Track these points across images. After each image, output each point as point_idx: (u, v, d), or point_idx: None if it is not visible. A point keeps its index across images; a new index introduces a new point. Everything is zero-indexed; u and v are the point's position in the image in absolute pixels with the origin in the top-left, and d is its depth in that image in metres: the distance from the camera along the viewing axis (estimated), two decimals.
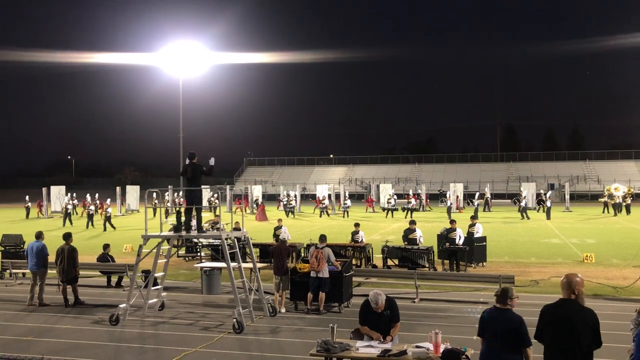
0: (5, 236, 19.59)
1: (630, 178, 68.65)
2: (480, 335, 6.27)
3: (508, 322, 6.04)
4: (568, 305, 5.66)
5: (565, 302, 5.69)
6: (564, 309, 5.64)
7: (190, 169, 12.29)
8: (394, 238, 22.53)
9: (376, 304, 7.44)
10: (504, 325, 6.03)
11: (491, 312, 6.24)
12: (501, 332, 6.02)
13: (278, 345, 9.98)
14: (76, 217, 45.12)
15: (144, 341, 10.38)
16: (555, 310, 5.68)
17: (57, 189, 50.03)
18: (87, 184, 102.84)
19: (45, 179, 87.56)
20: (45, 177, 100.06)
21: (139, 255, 12.04)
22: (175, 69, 60.36)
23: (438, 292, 14.22)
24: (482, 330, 6.24)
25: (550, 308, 5.75)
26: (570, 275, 5.78)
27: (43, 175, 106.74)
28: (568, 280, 5.73)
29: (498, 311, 6.18)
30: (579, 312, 5.60)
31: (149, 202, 13.50)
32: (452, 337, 8.64)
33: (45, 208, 47.04)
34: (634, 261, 17.23)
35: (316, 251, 12.12)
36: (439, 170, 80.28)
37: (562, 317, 5.58)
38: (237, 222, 16.65)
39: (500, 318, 6.11)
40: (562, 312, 5.61)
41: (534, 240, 25.20)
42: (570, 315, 5.56)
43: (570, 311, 5.60)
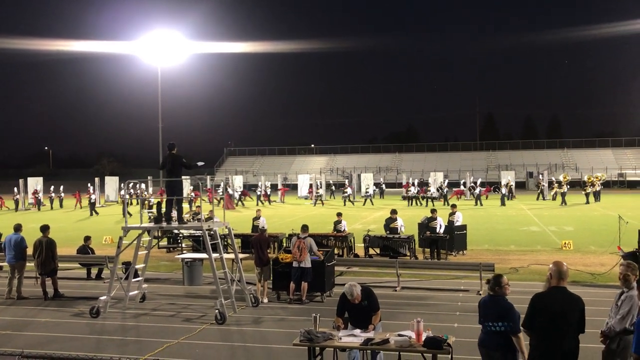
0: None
1: (607, 166, 69.71)
2: (480, 322, 6.37)
3: (499, 308, 6.17)
4: (560, 293, 5.73)
5: (558, 289, 5.76)
6: (557, 297, 5.70)
7: (170, 159, 12.19)
8: (376, 227, 22.64)
9: (351, 296, 7.46)
10: (494, 312, 6.15)
11: (486, 299, 6.40)
12: (494, 317, 6.14)
13: (261, 336, 9.99)
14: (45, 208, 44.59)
15: (126, 333, 10.32)
16: (549, 298, 5.74)
17: (34, 181, 49.30)
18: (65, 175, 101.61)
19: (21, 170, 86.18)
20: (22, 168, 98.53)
21: (119, 247, 11.93)
22: (154, 57, 59.73)
23: (419, 280, 14.33)
24: (480, 317, 6.34)
25: (542, 296, 5.80)
26: (559, 263, 5.86)
27: (19, 167, 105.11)
28: (559, 268, 5.79)
29: (491, 298, 6.30)
30: (572, 299, 5.70)
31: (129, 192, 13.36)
32: (434, 324, 8.73)
33: (22, 200, 46.35)
34: (610, 248, 17.52)
35: (298, 241, 12.12)
36: (420, 160, 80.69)
37: (556, 306, 5.64)
38: (211, 211, 16.59)
39: (493, 305, 6.24)
40: (557, 300, 5.67)
41: (514, 228, 25.49)
42: (564, 303, 5.64)
43: (563, 299, 5.68)
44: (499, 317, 6.10)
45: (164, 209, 12.59)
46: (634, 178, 69.13)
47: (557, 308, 5.62)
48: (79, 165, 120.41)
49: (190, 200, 36.66)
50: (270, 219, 27.28)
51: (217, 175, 78.93)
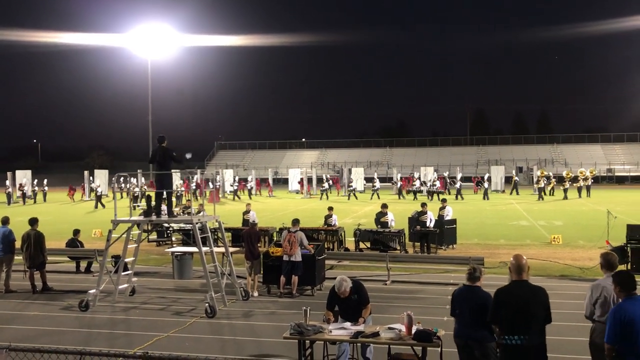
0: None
1: (596, 161, 70.18)
2: (452, 314, 6.39)
3: (478, 298, 6.22)
4: (521, 286, 5.82)
5: (518, 283, 5.85)
6: (518, 291, 5.79)
7: (160, 152, 12.12)
8: (366, 221, 22.67)
9: (341, 290, 7.46)
10: (474, 302, 6.20)
11: (461, 290, 6.42)
12: (470, 309, 6.18)
13: (251, 329, 9.98)
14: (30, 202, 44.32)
15: (115, 327, 10.28)
16: (510, 292, 5.82)
17: (22, 174, 48.95)
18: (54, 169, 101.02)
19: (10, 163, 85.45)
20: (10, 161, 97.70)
21: (108, 240, 11.87)
22: (144, 50, 59.35)
23: (409, 274, 14.37)
24: (453, 309, 6.36)
25: (505, 290, 5.89)
26: (518, 257, 5.97)
27: (8, 160, 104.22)
28: (518, 262, 5.91)
29: (468, 289, 6.32)
30: (533, 292, 5.79)
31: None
32: (424, 318, 8.75)
33: (11, 193, 45.99)
34: (599, 242, 17.64)
35: (289, 235, 12.11)
36: (410, 154, 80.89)
37: (518, 299, 5.72)
38: (201, 205, 16.53)
39: (470, 295, 6.28)
40: (518, 294, 5.75)
41: (503, 223, 25.62)
42: (526, 297, 5.72)
43: (524, 292, 5.76)
44: (478, 308, 6.11)
45: (154, 203, 12.54)
46: (623, 173, 69.71)
47: (519, 301, 5.71)
48: (68, 158, 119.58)
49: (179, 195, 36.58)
50: (260, 213, 27.24)
51: (207, 169, 78.64)
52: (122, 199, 41.75)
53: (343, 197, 45.40)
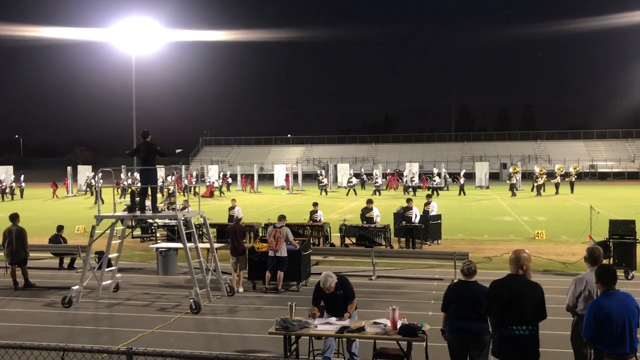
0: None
1: (579, 157, 70.94)
2: (444, 309, 6.41)
3: (475, 292, 6.26)
4: (516, 280, 5.84)
5: (514, 277, 5.87)
6: (512, 285, 5.80)
7: (144, 147, 12.01)
8: (352, 217, 22.70)
9: (326, 286, 7.46)
10: (472, 296, 6.23)
11: (457, 285, 6.47)
12: (469, 302, 6.21)
13: (236, 325, 9.96)
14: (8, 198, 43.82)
15: (98, 323, 10.19)
16: (504, 285, 5.84)
17: (4, 169, 48.35)
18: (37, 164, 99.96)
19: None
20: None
21: (91, 236, 11.75)
22: (128, 45, 58.82)
23: (395, 269, 14.42)
24: (447, 304, 6.38)
25: (499, 283, 5.90)
26: (518, 251, 5.96)
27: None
28: (516, 256, 5.91)
29: (464, 284, 6.36)
30: (527, 286, 5.79)
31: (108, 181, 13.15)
32: (409, 313, 8.77)
33: None
34: (582, 237, 17.83)
35: (274, 230, 12.08)
36: (395, 150, 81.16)
37: (511, 293, 5.74)
38: (185, 201, 16.45)
39: (467, 289, 6.31)
40: (511, 288, 5.77)
41: (487, 218, 25.79)
42: (519, 290, 5.73)
43: (518, 286, 5.78)
44: (476, 302, 6.16)
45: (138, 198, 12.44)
46: (605, 170, 70.54)
47: (512, 295, 5.72)
48: (51, 154, 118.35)
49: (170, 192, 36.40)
50: (246, 209, 27.18)
51: (192, 164, 78.30)
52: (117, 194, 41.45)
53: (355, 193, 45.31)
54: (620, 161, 72.29)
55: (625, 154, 74.06)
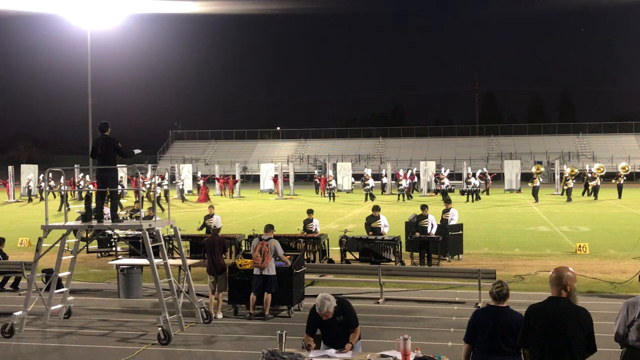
0: None
1: (630, 155, 71.16)
2: (469, 340, 6.40)
3: (508, 319, 6.26)
4: (558, 304, 5.81)
5: (555, 300, 5.84)
6: (553, 309, 5.78)
7: (102, 143, 12.01)
8: (355, 227, 22.74)
9: (323, 311, 7.45)
10: (503, 324, 6.24)
11: (485, 311, 6.47)
12: (501, 332, 6.22)
13: (213, 358, 9.97)
14: None
15: (46, 356, 10.19)
16: (543, 311, 5.82)
17: None
18: None
19: None
20: None
21: (38, 250, 11.74)
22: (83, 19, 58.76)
23: (406, 290, 14.45)
24: (473, 334, 6.37)
25: (537, 308, 5.88)
26: (560, 269, 5.94)
27: None
28: (558, 274, 5.88)
29: (494, 309, 6.36)
30: (572, 312, 5.76)
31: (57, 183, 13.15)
32: (424, 343, 8.81)
33: None
34: (633, 252, 17.89)
35: (260, 243, 12.09)
36: (407, 146, 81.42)
37: (551, 319, 5.72)
38: (150, 209, 16.46)
39: (499, 316, 6.31)
40: (552, 313, 5.76)
41: (518, 229, 25.87)
42: (562, 316, 5.71)
43: (561, 311, 5.75)
44: (508, 332, 6.15)
45: (93, 204, 12.44)
46: None
47: (553, 322, 5.70)
48: None
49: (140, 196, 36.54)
50: (226, 218, 27.21)
51: (160, 163, 78.34)
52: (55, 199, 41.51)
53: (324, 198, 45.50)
54: None
55: None
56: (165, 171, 56.40)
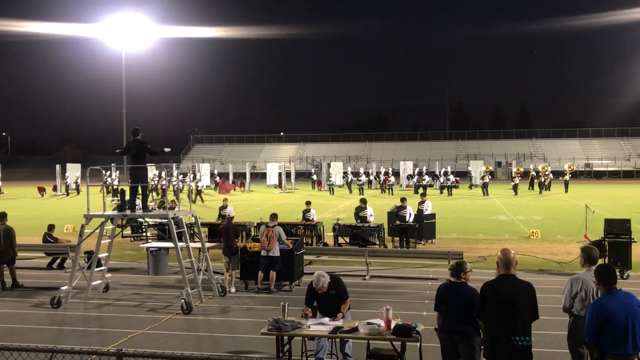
0: None
1: (575, 156, 71.27)
2: (436, 309, 6.42)
3: (463, 293, 6.24)
4: (509, 281, 5.83)
5: (506, 277, 5.85)
6: (506, 285, 5.80)
7: (134, 145, 11.97)
8: (345, 216, 22.69)
9: (319, 286, 7.47)
10: (459, 297, 6.22)
11: (446, 286, 6.44)
12: (456, 305, 6.20)
13: (228, 325, 9.94)
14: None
15: (88, 324, 10.15)
16: (496, 287, 5.83)
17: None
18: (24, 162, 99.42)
19: None
20: None
21: (81, 235, 11.70)
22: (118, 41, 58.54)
23: (388, 269, 14.43)
24: (438, 304, 6.39)
25: (491, 285, 5.89)
26: (506, 251, 5.95)
27: None
28: (506, 256, 5.89)
29: (453, 285, 6.35)
30: (520, 287, 5.80)
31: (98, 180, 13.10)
32: (403, 313, 8.80)
33: None
34: (577, 237, 17.92)
35: (267, 230, 12.07)
36: (389, 149, 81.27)
37: (505, 294, 5.73)
38: (173, 201, 16.38)
39: (456, 291, 6.29)
40: (504, 289, 5.77)
41: (482, 217, 25.87)
42: (513, 291, 5.74)
43: (512, 286, 5.78)
44: (463, 304, 6.17)
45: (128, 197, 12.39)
46: (601, 168, 70.90)
47: (506, 295, 5.72)
48: (39, 151, 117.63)
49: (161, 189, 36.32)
50: (238, 208, 27.16)
51: (183, 163, 78.16)
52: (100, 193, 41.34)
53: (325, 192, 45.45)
54: (615, 160, 72.67)
55: (620, 153, 74.46)
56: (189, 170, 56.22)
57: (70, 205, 35.28)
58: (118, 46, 59.29)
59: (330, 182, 45.39)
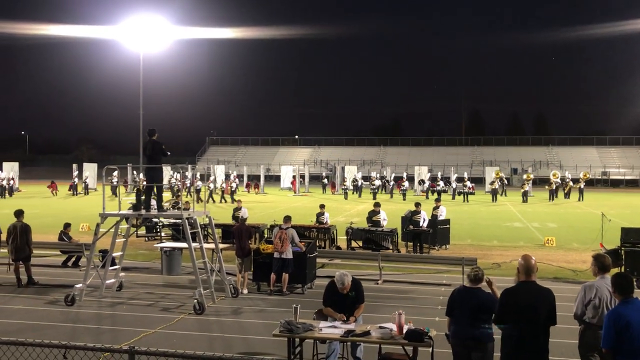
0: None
1: (591, 164, 70.53)
2: (448, 314, 6.40)
3: (478, 298, 6.24)
4: (530, 287, 5.81)
5: (527, 284, 5.83)
6: (527, 292, 5.77)
7: (150, 146, 12.06)
8: (359, 220, 22.67)
9: (342, 285, 7.47)
10: (474, 302, 6.22)
11: (461, 291, 6.44)
12: (471, 309, 6.20)
13: (240, 326, 9.95)
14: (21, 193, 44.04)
15: (101, 322, 10.22)
16: (517, 294, 5.81)
17: (10, 166, 48.60)
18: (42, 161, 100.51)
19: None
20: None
21: (96, 234, 11.79)
22: (136, 43, 58.99)
23: (401, 273, 14.38)
24: (451, 309, 6.37)
25: (512, 291, 5.87)
26: (527, 257, 5.94)
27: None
28: (527, 263, 5.87)
29: (468, 290, 6.36)
30: (541, 293, 5.77)
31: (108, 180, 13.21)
32: (415, 318, 8.76)
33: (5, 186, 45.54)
34: (593, 245, 17.72)
35: (280, 232, 12.08)
36: (404, 153, 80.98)
37: (525, 300, 5.71)
38: (187, 202, 16.40)
39: (471, 296, 6.30)
40: (526, 295, 5.75)
41: (497, 224, 25.69)
42: (534, 298, 5.71)
43: (533, 294, 5.75)
44: (478, 308, 6.14)
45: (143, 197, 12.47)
46: (618, 177, 70.12)
47: (527, 302, 5.72)
48: (56, 151, 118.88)
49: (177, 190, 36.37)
50: (252, 210, 27.20)
51: (198, 164, 78.47)
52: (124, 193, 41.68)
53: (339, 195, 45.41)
54: (633, 168, 71.83)
55: (638, 161, 73.57)
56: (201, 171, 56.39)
57: (87, 204, 35.57)
58: (136, 48, 59.72)
59: (344, 186, 45.26)
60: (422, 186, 46.79)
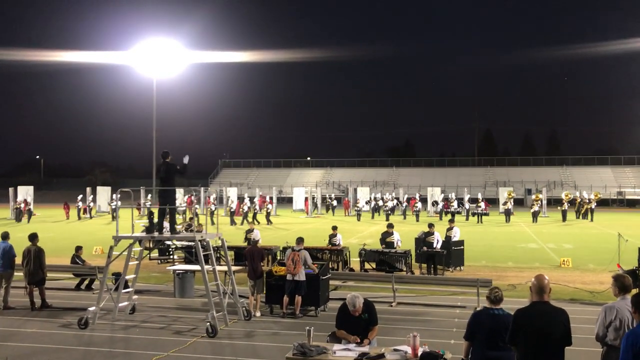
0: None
1: (606, 184, 69.93)
2: (468, 338, 6.32)
3: (501, 320, 6.19)
4: (543, 308, 5.74)
5: (540, 304, 5.76)
6: (540, 312, 5.71)
7: (164, 168, 12.13)
8: (372, 241, 22.56)
9: (354, 307, 7.44)
10: (497, 324, 6.16)
11: (482, 313, 6.40)
12: (493, 331, 6.14)
13: (253, 349, 9.90)
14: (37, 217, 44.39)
15: (114, 345, 10.21)
16: (530, 314, 5.74)
17: (25, 189, 49.08)
18: (56, 185, 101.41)
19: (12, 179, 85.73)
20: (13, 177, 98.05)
21: (109, 257, 11.84)
22: (149, 68, 59.75)
23: (416, 295, 14.26)
24: (472, 332, 6.29)
25: (524, 311, 5.80)
26: (540, 277, 5.88)
27: (10, 175, 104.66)
28: (540, 283, 5.80)
29: (490, 311, 6.33)
30: (554, 313, 5.71)
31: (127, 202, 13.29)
32: (430, 340, 8.66)
33: (12, 209, 46.02)
34: (610, 266, 17.49)
35: (292, 253, 12.06)
36: (417, 174, 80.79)
37: (538, 321, 5.64)
38: (201, 225, 16.46)
39: (493, 317, 6.24)
40: (539, 316, 5.68)
41: (511, 245, 25.47)
42: (547, 318, 5.65)
43: (546, 314, 5.69)
44: (503, 330, 6.07)
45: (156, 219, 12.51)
46: (634, 197, 69.37)
47: (540, 322, 5.64)
48: (71, 174, 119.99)
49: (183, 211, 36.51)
50: (264, 232, 27.21)
51: (211, 187, 78.81)
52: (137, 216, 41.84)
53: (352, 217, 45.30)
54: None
55: None
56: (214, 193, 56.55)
57: (101, 227, 35.77)
58: (149, 73, 60.49)
59: (357, 207, 45.14)
60: (435, 207, 46.59)
